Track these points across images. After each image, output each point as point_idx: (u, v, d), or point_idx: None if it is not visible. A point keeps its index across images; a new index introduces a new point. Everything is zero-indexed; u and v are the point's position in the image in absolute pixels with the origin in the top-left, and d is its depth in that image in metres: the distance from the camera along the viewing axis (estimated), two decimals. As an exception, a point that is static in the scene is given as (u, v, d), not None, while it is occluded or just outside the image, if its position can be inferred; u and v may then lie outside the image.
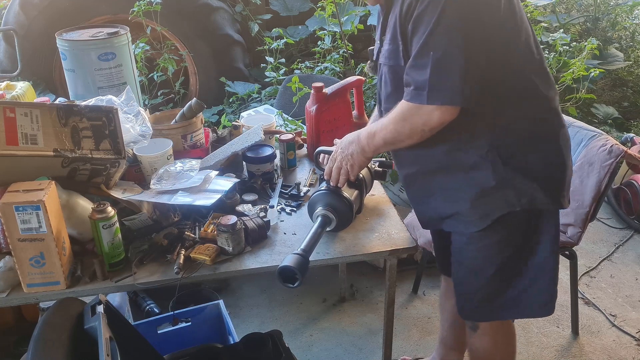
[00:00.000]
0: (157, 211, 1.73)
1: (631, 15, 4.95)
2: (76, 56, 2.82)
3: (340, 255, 1.66)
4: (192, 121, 2.08)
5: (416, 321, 2.60)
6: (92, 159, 1.63)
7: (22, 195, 1.40)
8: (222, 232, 1.61)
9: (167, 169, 1.82)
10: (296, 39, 3.92)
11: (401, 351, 2.42)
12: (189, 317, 2.11)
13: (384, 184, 2.18)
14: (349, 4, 3.80)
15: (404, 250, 1.69)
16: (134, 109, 1.96)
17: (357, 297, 2.76)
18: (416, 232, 2.34)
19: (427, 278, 2.80)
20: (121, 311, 2.00)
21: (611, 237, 3.20)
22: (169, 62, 3.44)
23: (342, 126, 2.19)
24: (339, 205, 1.68)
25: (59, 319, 1.32)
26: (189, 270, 1.57)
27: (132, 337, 1.55)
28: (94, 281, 1.55)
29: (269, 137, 2.19)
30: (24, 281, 1.49)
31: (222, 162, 1.96)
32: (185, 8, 3.56)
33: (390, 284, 1.77)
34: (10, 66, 3.51)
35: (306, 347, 2.46)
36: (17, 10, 3.44)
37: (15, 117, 1.53)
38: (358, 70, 3.26)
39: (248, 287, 2.81)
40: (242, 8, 3.99)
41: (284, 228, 1.78)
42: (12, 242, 1.43)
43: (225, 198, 1.78)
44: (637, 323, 2.57)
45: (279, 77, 3.32)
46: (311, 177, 2.07)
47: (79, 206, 1.60)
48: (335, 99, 2.15)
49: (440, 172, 1.54)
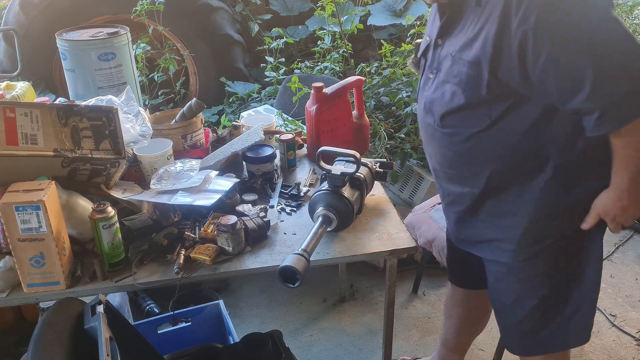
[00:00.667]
0: (157, 211, 1.73)
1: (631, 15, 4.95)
2: (76, 56, 2.82)
3: (340, 255, 1.66)
4: (192, 121, 2.08)
5: (416, 321, 2.60)
6: (92, 159, 1.63)
7: (22, 195, 1.40)
8: (222, 232, 1.61)
9: (167, 169, 1.82)
10: (296, 39, 3.92)
11: (401, 351, 2.42)
12: (189, 317, 2.11)
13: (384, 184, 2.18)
14: (349, 3, 3.80)
15: (404, 250, 1.69)
16: (134, 109, 1.96)
17: (357, 297, 2.75)
18: (416, 232, 2.34)
19: (427, 278, 2.80)
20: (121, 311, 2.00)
21: (611, 237, 3.20)
22: (170, 62, 3.44)
23: (342, 126, 2.19)
24: (340, 205, 1.68)
25: (59, 319, 1.32)
26: (189, 270, 1.57)
27: (132, 337, 1.55)
28: (94, 281, 1.55)
29: (269, 137, 2.19)
30: (24, 281, 1.49)
31: (222, 162, 1.96)
32: (185, 8, 3.55)
33: (390, 284, 1.77)
34: (10, 66, 3.50)
35: (306, 347, 2.46)
36: (17, 10, 3.43)
37: (15, 117, 1.53)
38: (358, 70, 3.26)
39: (248, 287, 2.81)
40: (242, 8, 3.99)
41: (284, 228, 1.78)
42: (12, 242, 1.43)
43: (225, 198, 1.78)
44: (637, 323, 2.57)
45: (279, 77, 3.32)
46: (311, 177, 2.07)
47: (79, 206, 1.60)
48: (335, 99, 2.15)
49: (495, 193, 1.46)
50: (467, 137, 1.41)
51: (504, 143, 1.37)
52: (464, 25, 1.35)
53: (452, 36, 1.38)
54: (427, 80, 1.49)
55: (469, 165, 1.46)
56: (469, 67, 1.32)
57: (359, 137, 2.22)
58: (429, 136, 1.53)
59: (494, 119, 1.35)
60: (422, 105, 1.52)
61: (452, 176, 1.53)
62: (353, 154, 1.75)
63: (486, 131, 1.37)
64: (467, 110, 1.37)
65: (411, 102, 2.90)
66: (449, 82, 1.39)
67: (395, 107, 3.00)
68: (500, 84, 1.29)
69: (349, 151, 1.77)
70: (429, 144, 1.56)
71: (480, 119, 1.36)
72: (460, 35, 1.36)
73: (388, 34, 3.84)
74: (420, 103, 1.53)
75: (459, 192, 1.53)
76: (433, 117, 1.46)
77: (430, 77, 1.47)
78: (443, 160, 1.52)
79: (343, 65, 3.36)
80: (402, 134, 2.92)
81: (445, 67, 1.40)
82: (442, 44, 1.42)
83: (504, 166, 1.41)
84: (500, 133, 1.36)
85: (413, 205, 2.76)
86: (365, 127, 2.24)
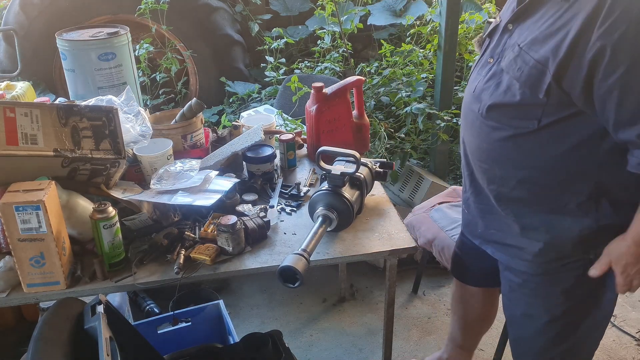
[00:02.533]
0: (157, 211, 1.73)
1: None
2: (76, 56, 2.82)
3: (340, 255, 1.66)
4: (192, 121, 2.08)
5: (416, 321, 2.60)
6: (92, 159, 1.63)
7: (22, 195, 1.40)
8: (222, 232, 1.61)
9: (167, 169, 1.82)
10: (296, 38, 3.91)
11: (401, 351, 2.42)
12: (189, 317, 2.11)
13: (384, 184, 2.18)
14: (349, 3, 3.80)
15: (404, 250, 1.69)
16: (134, 109, 1.96)
17: (357, 297, 2.75)
18: (416, 232, 2.34)
19: (427, 278, 2.81)
20: (121, 311, 2.00)
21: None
22: (173, 61, 3.44)
23: (342, 126, 2.19)
24: (340, 205, 1.68)
25: (59, 319, 1.32)
26: (189, 270, 1.57)
27: (132, 337, 1.55)
28: (94, 281, 1.55)
29: (269, 137, 2.19)
30: (24, 281, 1.49)
31: (222, 162, 1.96)
32: (185, 8, 3.55)
33: (390, 284, 1.77)
34: (10, 66, 3.50)
35: (306, 347, 2.46)
36: (17, 10, 3.43)
37: (15, 117, 1.53)
38: (358, 70, 3.26)
39: (248, 287, 2.81)
40: (242, 8, 3.99)
41: (284, 228, 1.78)
42: (12, 242, 1.43)
43: (225, 198, 1.78)
44: (637, 323, 2.57)
45: (279, 77, 3.32)
46: (311, 177, 2.07)
47: (79, 206, 1.60)
48: (335, 99, 2.15)
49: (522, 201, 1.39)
50: (509, 135, 1.33)
51: (545, 153, 1.31)
52: (542, 16, 1.25)
53: (526, 25, 1.28)
54: (485, 65, 1.40)
55: (502, 164, 1.39)
56: (533, 65, 1.23)
57: (359, 137, 2.23)
58: (470, 123, 1.45)
59: (543, 125, 1.27)
60: (471, 89, 1.43)
61: (483, 169, 1.45)
62: (353, 154, 1.75)
63: (530, 135, 1.30)
64: (518, 109, 1.30)
65: (411, 102, 2.90)
66: (508, 74, 1.30)
67: (395, 107, 3.01)
68: (561, 92, 1.21)
69: (348, 151, 1.77)
70: (468, 130, 1.48)
71: (528, 121, 1.29)
72: (534, 26, 1.26)
73: (388, 34, 3.84)
74: (471, 86, 1.44)
75: (487, 187, 1.46)
76: (479, 105, 1.38)
77: (489, 62, 1.38)
78: (477, 152, 1.45)
79: (343, 65, 3.36)
80: (402, 134, 2.92)
81: (509, 56, 1.30)
82: (512, 31, 1.32)
83: (537, 176, 1.34)
84: (544, 141, 1.29)
85: (413, 205, 2.76)
86: (365, 127, 2.24)
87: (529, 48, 1.25)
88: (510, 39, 1.32)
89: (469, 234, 1.66)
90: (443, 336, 2.49)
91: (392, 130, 2.91)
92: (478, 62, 1.46)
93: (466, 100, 1.47)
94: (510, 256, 1.49)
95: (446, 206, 2.36)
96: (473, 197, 1.55)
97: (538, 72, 1.23)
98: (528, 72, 1.25)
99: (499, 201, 1.44)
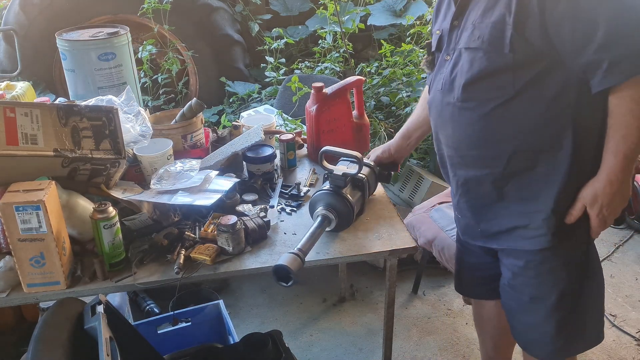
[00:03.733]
0: (157, 211, 1.73)
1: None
2: (76, 56, 2.82)
3: (340, 255, 1.66)
4: (192, 121, 2.08)
5: (416, 321, 2.60)
6: (92, 159, 1.63)
7: (22, 195, 1.40)
8: (222, 232, 1.61)
9: (167, 169, 1.82)
10: (296, 38, 3.92)
11: (401, 351, 2.42)
12: (189, 317, 2.11)
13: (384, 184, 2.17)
14: (350, 3, 3.80)
15: (404, 250, 1.69)
16: (134, 109, 1.96)
17: (357, 297, 2.75)
18: (416, 232, 2.34)
19: (427, 278, 2.80)
20: (121, 311, 2.00)
21: (611, 237, 3.20)
22: (174, 61, 3.44)
23: (342, 126, 2.19)
24: (340, 206, 1.68)
25: (59, 319, 1.32)
26: (189, 270, 1.57)
27: (132, 337, 1.55)
28: (94, 281, 1.55)
29: (269, 137, 2.19)
30: (24, 281, 1.49)
31: (222, 162, 1.96)
32: (186, 8, 3.56)
33: (390, 284, 1.77)
34: (10, 66, 3.51)
35: (306, 347, 2.46)
36: (17, 10, 3.43)
37: (15, 117, 1.53)
38: (358, 70, 3.26)
39: (248, 287, 2.81)
40: (242, 8, 3.99)
41: (284, 228, 1.78)
42: (12, 242, 1.43)
43: (225, 198, 1.78)
44: (637, 323, 2.57)
45: (279, 77, 3.32)
46: (311, 177, 2.07)
47: (79, 206, 1.60)
48: (335, 99, 2.15)
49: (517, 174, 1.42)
50: (490, 110, 1.38)
51: (528, 116, 1.35)
52: None
53: (470, 11, 1.38)
54: (443, 63, 1.46)
55: (491, 142, 1.42)
56: (492, 27, 1.31)
57: (359, 137, 2.22)
58: (448, 118, 1.48)
59: (518, 88, 1.33)
60: (439, 86, 1.48)
61: (471, 159, 1.48)
62: (355, 154, 1.75)
63: (509, 102, 1.35)
64: (490, 79, 1.35)
65: (411, 102, 2.90)
66: (468, 49, 1.37)
67: (395, 107, 3.01)
68: (525, 43, 1.28)
69: (351, 152, 1.77)
70: (445, 127, 1.51)
71: (504, 89, 1.34)
72: (478, 5, 1.36)
73: (388, 34, 3.84)
74: (437, 85, 1.49)
75: (479, 176, 1.48)
76: (453, 93, 1.43)
77: (446, 59, 1.45)
78: (462, 142, 1.47)
79: (343, 65, 3.36)
80: (402, 134, 2.91)
81: (465, 37, 1.38)
82: (460, 24, 1.41)
83: (526, 142, 1.38)
84: (524, 105, 1.34)
85: (413, 205, 2.76)
86: (365, 127, 2.24)
87: (483, 18, 1.34)
88: (461, 29, 1.40)
89: (470, 238, 1.65)
90: (443, 336, 2.50)
91: (392, 130, 2.91)
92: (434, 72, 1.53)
93: (436, 100, 1.51)
94: (515, 239, 1.49)
95: (446, 206, 2.36)
96: (464, 197, 1.57)
97: (498, 31, 1.30)
98: (488, 35, 1.32)
99: (498, 182, 1.45)
